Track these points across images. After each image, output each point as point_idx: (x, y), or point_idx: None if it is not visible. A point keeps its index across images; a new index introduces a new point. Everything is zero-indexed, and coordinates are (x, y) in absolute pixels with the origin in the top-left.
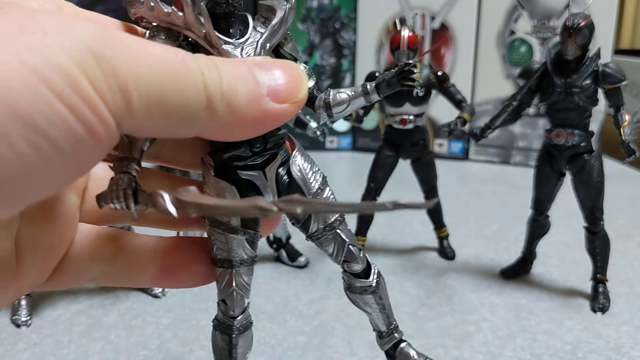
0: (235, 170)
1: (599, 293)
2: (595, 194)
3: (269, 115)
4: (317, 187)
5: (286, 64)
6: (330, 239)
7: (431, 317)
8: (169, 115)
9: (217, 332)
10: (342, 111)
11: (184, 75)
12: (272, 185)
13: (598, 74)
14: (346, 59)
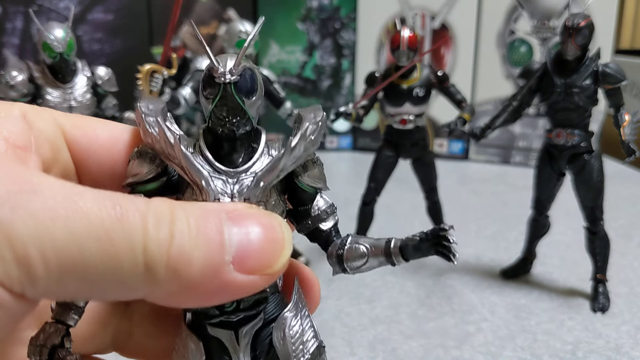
0: (204, 326)
1: (599, 293)
2: (595, 194)
3: (229, 288)
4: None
5: (269, 221)
6: None
7: (431, 317)
8: (91, 282)
9: None
10: (357, 268)
11: (116, 236)
12: (246, 351)
13: (598, 74)
14: (346, 59)
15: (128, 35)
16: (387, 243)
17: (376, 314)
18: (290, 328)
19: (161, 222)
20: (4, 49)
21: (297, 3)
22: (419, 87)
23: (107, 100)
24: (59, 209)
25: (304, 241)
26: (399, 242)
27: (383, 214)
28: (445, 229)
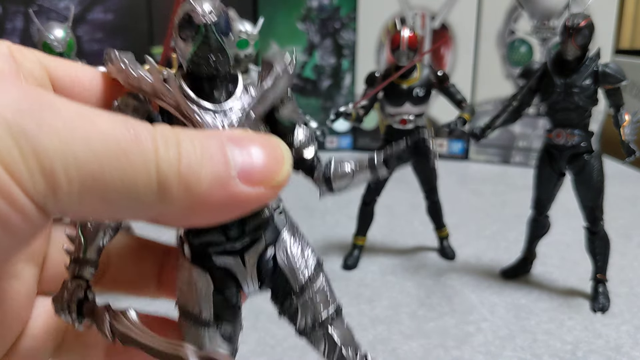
0: (209, 256)
1: (599, 293)
2: (595, 194)
3: (238, 199)
4: (307, 276)
5: (268, 141)
6: (319, 337)
7: (431, 317)
8: (109, 201)
9: None
10: (344, 186)
11: (131, 155)
12: (253, 273)
13: (598, 74)
14: (346, 59)
15: (128, 35)
16: (370, 159)
17: (376, 314)
18: (290, 247)
19: (169, 143)
20: None
21: (297, 3)
22: (419, 87)
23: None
24: (79, 128)
25: None
26: (381, 156)
27: (383, 214)
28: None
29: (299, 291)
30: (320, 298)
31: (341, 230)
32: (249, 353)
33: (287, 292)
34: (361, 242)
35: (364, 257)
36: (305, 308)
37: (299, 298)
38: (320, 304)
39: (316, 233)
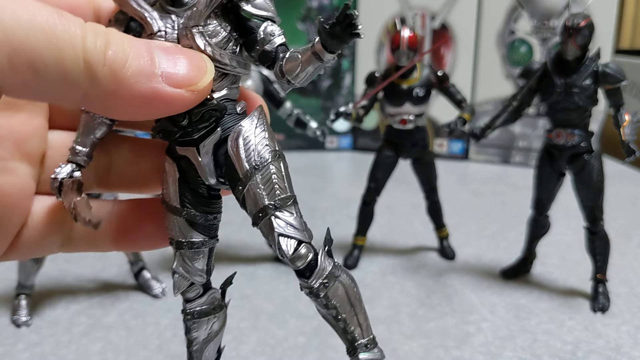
0: (174, 146)
1: (599, 293)
2: (595, 194)
3: (159, 96)
4: (252, 164)
5: (194, 55)
6: (265, 226)
7: (431, 317)
8: (38, 71)
9: None
10: (296, 76)
11: (57, 32)
12: (209, 164)
13: (598, 74)
14: (346, 59)
15: None
16: (311, 43)
17: (376, 314)
18: (243, 137)
19: (98, 34)
20: None
21: (297, 3)
22: (419, 87)
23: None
24: (9, 5)
25: None
26: (317, 38)
27: (383, 214)
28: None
29: (243, 178)
30: (266, 187)
31: (341, 230)
32: (249, 353)
33: (236, 180)
34: (361, 242)
35: (364, 257)
36: (248, 195)
37: (244, 186)
38: (263, 192)
39: (316, 233)
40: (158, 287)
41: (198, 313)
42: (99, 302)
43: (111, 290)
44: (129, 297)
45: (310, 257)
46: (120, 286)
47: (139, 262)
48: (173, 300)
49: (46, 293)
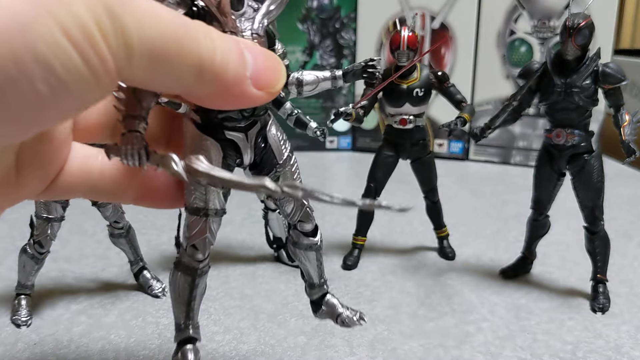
0: (222, 130)
1: (599, 293)
2: (595, 194)
3: (246, 97)
4: (286, 155)
5: (271, 55)
6: (290, 199)
7: (431, 317)
8: (163, 74)
9: (179, 272)
10: (310, 90)
11: (184, 39)
12: (251, 147)
13: (598, 74)
14: (346, 59)
15: None
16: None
17: (376, 314)
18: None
19: (207, 37)
20: None
21: (297, 3)
22: (419, 87)
23: None
24: (148, 12)
25: None
26: (341, 72)
27: (383, 214)
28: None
29: (281, 163)
30: (295, 172)
31: (341, 230)
32: (249, 353)
33: (273, 164)
34: (361, 242)
35: (364, 257)
36: (284, 176)
37: (281, 169)
38: (294, 174)
39: None
40: (158, 287)
41: (205, 270)
42: (99, 302)
43: (111, 290)
44: (129, 297)
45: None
46: (121, 286)
47: (140, 262)
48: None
49: (46, 293)
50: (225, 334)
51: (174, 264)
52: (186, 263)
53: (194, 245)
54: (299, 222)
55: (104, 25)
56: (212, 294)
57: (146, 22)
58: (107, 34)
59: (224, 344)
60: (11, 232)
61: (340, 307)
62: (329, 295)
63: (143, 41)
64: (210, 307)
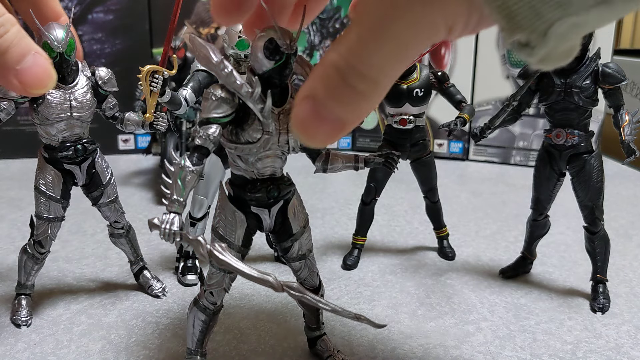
0: (248, 204)
1: (599, 293)
2: (595, 194)
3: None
4: (301, 226)
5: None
6: (299, 264)
7: (431, 317)
8: None
9: (197, 310)
10: (334, 171)
11: None
12: (272, 220)
13: (598, 74)
14: None
15: (128, 35)
16: (356, 158)
17: (376, 313)
18: (295, 207)
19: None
20: None
21: None
22: (419, 87)
23: (108, 100)
24: None
25: None
26: (364, 158)
27: (383, 214)
28: (397, 155)
29: (295, 234)
30: (308, 241)
31: (341, 230)
32: (249, 352)
33: (290, 234)
34: (361, 242)
35: (364, 257)
36: (300, 245)
37: (296, 239)
38: (305, 244)
39: (316, 233)
40: (159, 287)
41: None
42: (100, 302)
43: (111, 290)
44: (129, 297)
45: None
46: (121, 286)
47: (140, 262)
48: (173, 300)
49: (46, 293)
50: (225, 334)
51: (193, 301)
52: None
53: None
54: (304, 280)
55: None
56: None
57: None
58: None
59: (224, 344)
60: (11, 232)
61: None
62: (325, 337)
63: None
64: None
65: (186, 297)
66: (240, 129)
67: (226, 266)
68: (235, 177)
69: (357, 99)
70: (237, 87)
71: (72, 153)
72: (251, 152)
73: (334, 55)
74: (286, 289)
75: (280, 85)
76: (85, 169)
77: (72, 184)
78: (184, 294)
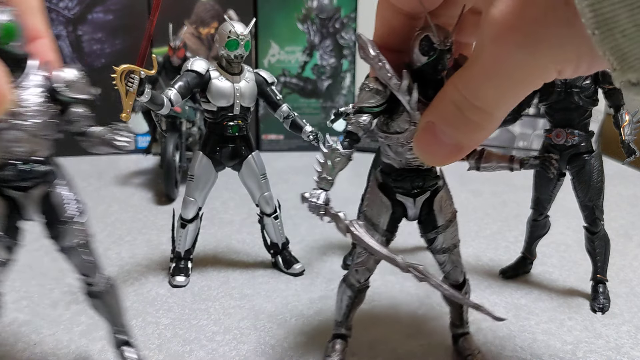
0: (394, 192)
1: (599, 293)
2: (595, 194)
3: None
4: (444, 221)
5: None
6: (443, 256)
7: (431, 317)
8: None
9: (345, 286)
10: (487, 170)
11: None
12: (418, 208)
13: (598, 74)
14: (346, 59)
15: (128, 35)
16: (510, 159)
17: (376, 313)
18: (443, 199)
19: None
20: None
21: (297, 3)
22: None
23: (70, 110)
24: None
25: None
26: (519, 159)
27: None
28: (554, 158)
29: (439, 227)
30: (453, 235)
31: None
32: (249, 353)
33: (434, 226)
34: None
35: None
36: (444, 239)
37: (440, 232)
38: (450, 238)
39: (316, 233)
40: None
41: (364, 287)
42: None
43: None
44: (129, 297)
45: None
46: (121, 286)
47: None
48: (173, 300)
49: (46, 293)
50: (225, 334)
51: (343, 276)
52: (351, 281)
53: (357, 270)
54: (448, 274)
55: None
56: (212, 294)
57: None
58: None
59: (224, 344)
60: None
61: None
62: (468, 336)
63: None
64: (210, 307)
65: (186, 298)
66: (390, 120)
67: (359, 241)
68: (384, 165)
69: (473, 128)
70: (388, 79)
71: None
72: (399, 142)
73: (452, 89)
74: (411, 270)
75: (434, 80)
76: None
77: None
78: (183, 294)
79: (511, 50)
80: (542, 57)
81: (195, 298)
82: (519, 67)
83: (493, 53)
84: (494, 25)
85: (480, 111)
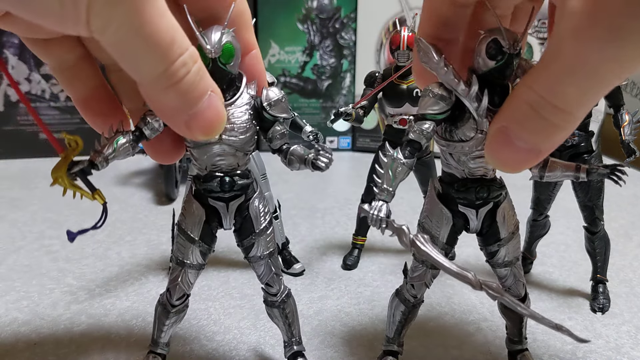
0: (456, 203)
1: (599, 293)
2: (595, 194)
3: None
4: (507, 233)
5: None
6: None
7: (431, 317)
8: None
9: (398, 300)
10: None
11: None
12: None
13: None
14: (346, 59)
15: None
16: (577, 167)
17: (376, 313)
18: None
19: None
20: (4, 49)
21: (297, 3)
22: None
23: (275, 128)
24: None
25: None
26: (586, 168)
27: None
28: (623, 165)
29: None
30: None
31: (341, 230)
32: (249, 353)
33: (497, 238)
34: (361, 242)
35: (364, 257)
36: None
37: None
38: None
39: (316, 233)
40: None
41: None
42: (100, 302)
43: (112, 290)
44: (129, 297)
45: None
46: (121, 286)
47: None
48: None
49: (46, 293)
50: (225, 334)
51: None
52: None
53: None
54: (509, 288)
55: None
56: (212, 294)
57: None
58: None
59: (224, 344)
60: (11, 232)
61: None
62: (527, 352)
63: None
64: (210, 307)
65: None
66: (454, 127)
67: (426, 257)
68: (445, 175)
69: (552, 130)
70: (455, 84)
71: (218, 185)
72: (463, 151)
73: (526, 90)
74: (485, 287)
75: (501, 85)
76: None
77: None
78: None
79: (595, 45)
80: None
81: (195, 298)
82: (604, 62)
83: (575, 49)
84: (574, 20)
85: (560, 111)
